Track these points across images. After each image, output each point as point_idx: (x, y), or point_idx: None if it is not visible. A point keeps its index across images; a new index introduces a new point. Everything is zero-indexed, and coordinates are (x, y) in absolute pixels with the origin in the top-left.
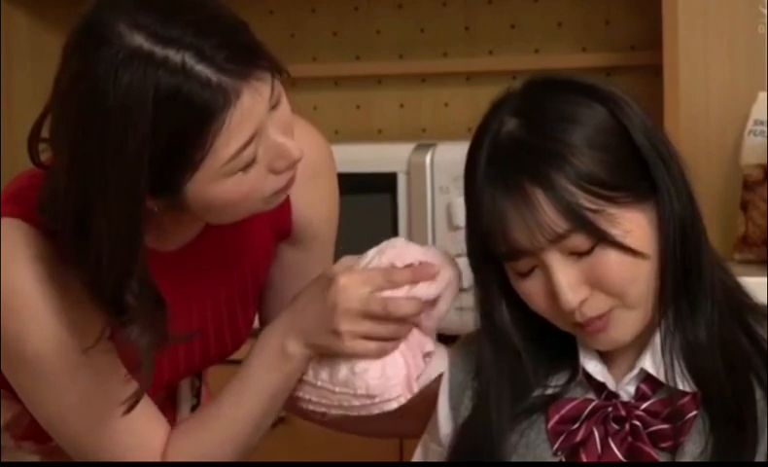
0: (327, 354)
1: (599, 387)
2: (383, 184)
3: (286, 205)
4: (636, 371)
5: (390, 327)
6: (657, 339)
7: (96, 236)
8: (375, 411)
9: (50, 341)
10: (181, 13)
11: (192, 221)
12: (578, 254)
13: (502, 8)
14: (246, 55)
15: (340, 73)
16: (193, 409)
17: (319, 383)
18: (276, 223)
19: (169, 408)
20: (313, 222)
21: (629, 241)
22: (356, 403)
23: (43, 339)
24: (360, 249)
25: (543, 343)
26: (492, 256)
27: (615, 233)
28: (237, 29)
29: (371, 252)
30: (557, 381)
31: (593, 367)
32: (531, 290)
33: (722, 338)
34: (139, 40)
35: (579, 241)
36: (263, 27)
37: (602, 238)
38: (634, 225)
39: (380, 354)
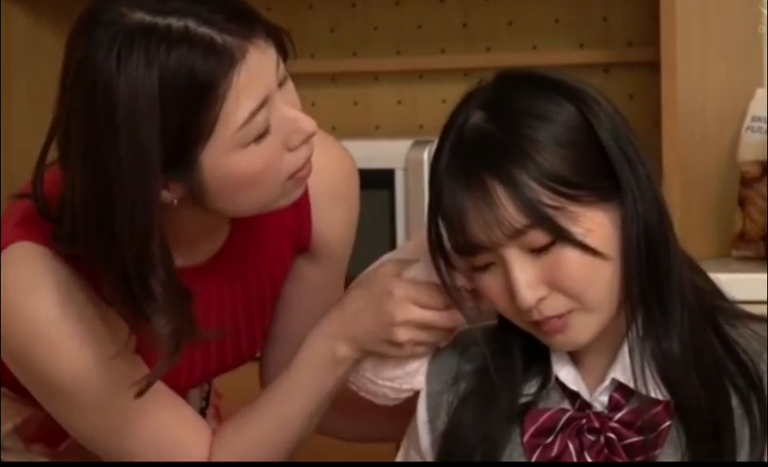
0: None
1: (573, 394)
2: (381, 180)
3: (306, 219)
4: (608, 381)
5: (444, 333)
6: (624, 350)
7: (118, 224)
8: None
9: (79, 366)
10: None
11: (214, 226)
12: (537, 251)
13: (499, 4)
14: (245, 17)
15: (338, 69)
16: (202, 412)
17: (361, 372)
18: (296, 235)
19: None
20: (331, 241)
21: (589, 240)
22: (399, 396)
23: (72, 365)
24: (357, 244)
25: (513, 346)
26: (453, 249)
27: (576, 230)
28: None
29: (417, 260)
30: (529, 388)
31: (566, 375)
32: (489, 286)
33: (695, 344)
34: (140, 15)
35: (538, 237)
36: None
37: (561, 236)
38: (595, 224)
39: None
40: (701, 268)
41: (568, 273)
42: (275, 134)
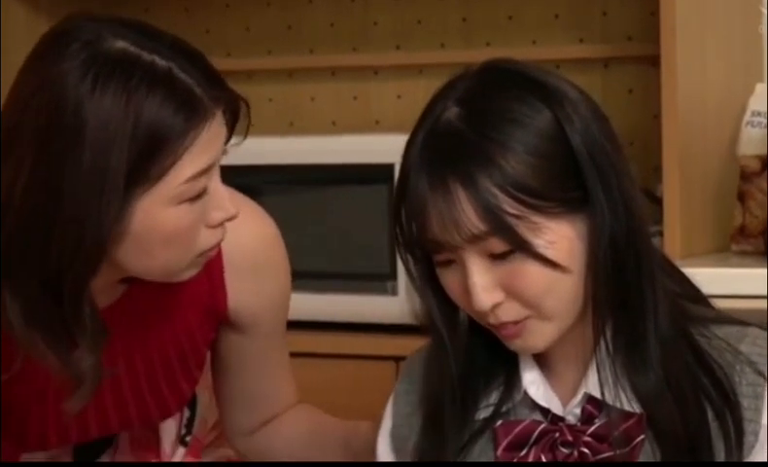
0: None
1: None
2: (380, 175)
3: (221, 292)
4: (580, 396)
5: None
6: (596, 361)
7: (69, 241)
8: None
9: None
10: (155, 34)
11: (110, 281)
12: (496, 257)
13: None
14: (218, 81)
15: (337, 64)
16: (182, 439)
17: None
18: (211, 306)
19: (154, 444)
20: (255, 312)
21: (550, 253)
22: None
23: None
24: (357, 239)
25: (478, 349)
26: (415, 241)
27: (536, 242)
28: (203, 57)
29: None
30: (498, 395)
31: (535, 391)
32: (449, 283)
33: (667, 359)
34: (123, 45)
35: (497, 245)
36: (261, 19)
37: (520, 246)
38: (559, 236)
39: None
40: (677, 268)
41: (526, 283)
42: (204, 205)
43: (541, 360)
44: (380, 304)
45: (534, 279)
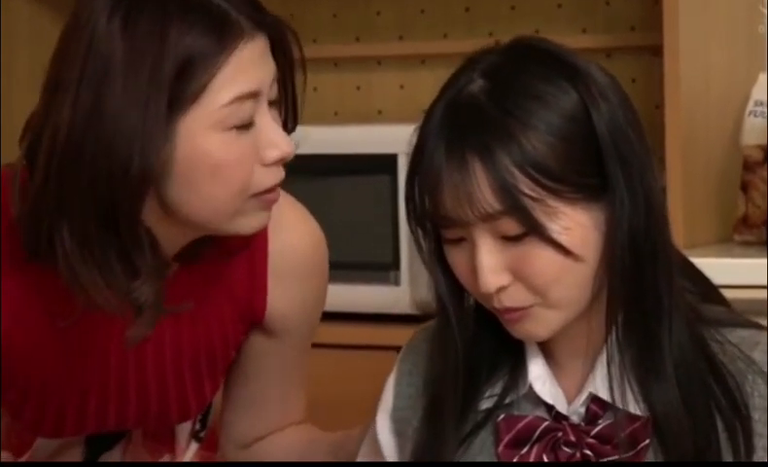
0: None
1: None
2: (383, 165)
3: (261, 293)
4: (585, 394)
5: None
6: (604, 358)
7: (111, 169)
8: None
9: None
10: None
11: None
12: (508, 239)
13: None
14: (256, 4)
15: (340, 54)
16: (196, 435)
17: None
18: (247, 307)
19: (168, 438)
20: (289, 318)
21: (564, 239)
22: None
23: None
24: (359, 229)
25: (485, 336)
26: (427, 215)
27: (551, 227)
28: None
29: None
30: (502, 386)
31: (541, 387)
32: (457, 261)
33: (678, 362)
34: None
35: (510, 226)
36: None
37: (534, 229)
38: (575, 223)
39: None
40: (690, 263)
41: (535, 269)
42: (255, 138)
43: (548, 352)
44: (383, 294)
45: (544, 265)
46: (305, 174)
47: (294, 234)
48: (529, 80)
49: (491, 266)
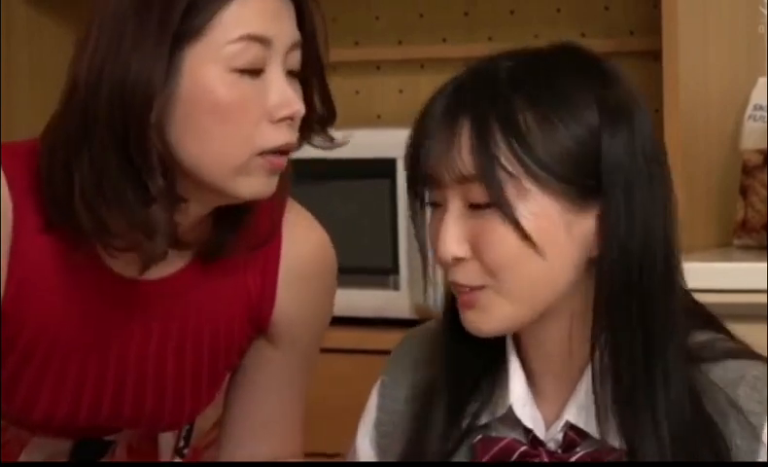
0: None
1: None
2: (382, 169)
3: (270, 294)
4: (563, 421)
5: None
6: (584, 384)
7: (120, 94)
8: None
9: None
10: None
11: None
12: (475, 208)
13: None
14: None
15: (339, 59)
16: (179, 451)
17: None
18: (256, 307)
19: (152, 452)
20: (295, 324)
21: (527, 223)
22: None
23: None
24: (359, 233)
25: (468, 358)
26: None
27: (517, 205)
28: None
29: None
30: (483, 404)
31: (521, 408)
32: (431, 225)
33: (663, 400)
34: None
35: (479, 194)
36: None
37: (497, 201)
38: (544, 213)
39: None
40: (689, 295)
41: (492, 244)
42: (263, 90)
43: (529, 374)
44: (382, 298)
45: (501, 242)
46: (304, 178)
47: (307, 244)
48: (556, 77)
49: (454, 233)
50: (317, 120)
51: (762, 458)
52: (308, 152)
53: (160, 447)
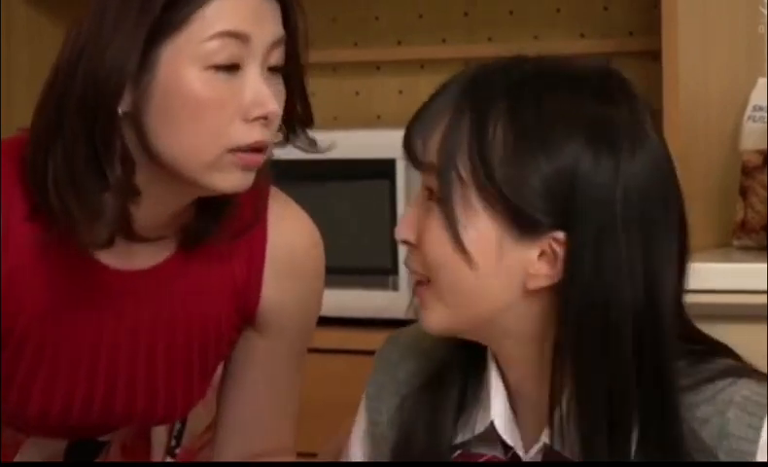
0: None
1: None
2: (382, 170)
3: (256, 284)
4: (540, 444)
5: None
6: (557, 412)
7: (94, 77)
8: None
9: None
10: None
11: (165, 202)
12: (430, 197)
13: None
14: None
15: (339, 59)
16: (171, 451)
17: None
18: (243, 297)
19: (145, 452)
20: (281, 315)
21: (464, 232)
22: None
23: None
24: (358, 234)
25: (453, 368)
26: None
27: (458, 213)
28: None
29: None
30: (462, 422)
31: (502, 425)
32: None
33: (648, 435)
34: None
35: (435, 186)
36: None
37: (443, 201)
38: (485, 232)
39: None
40: (691, 324)
41: (431, 239)
42: (239, 88)
43: (508, 393)
44: (381, 299)
45: (438, 240)
46: (304, 179)
47: (293, 233)
48: (549, 99)
49: (408, 217)
50: (297, 120)
51: None
52: (308, 153)
53: (153, 446)
